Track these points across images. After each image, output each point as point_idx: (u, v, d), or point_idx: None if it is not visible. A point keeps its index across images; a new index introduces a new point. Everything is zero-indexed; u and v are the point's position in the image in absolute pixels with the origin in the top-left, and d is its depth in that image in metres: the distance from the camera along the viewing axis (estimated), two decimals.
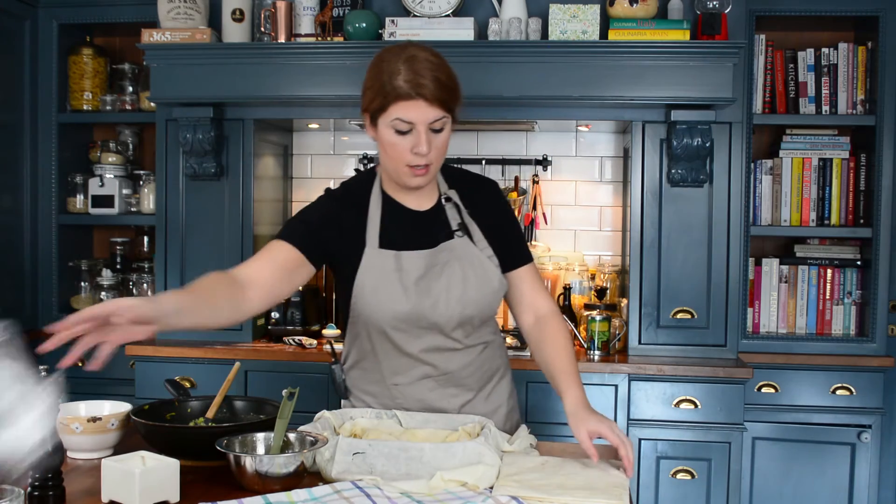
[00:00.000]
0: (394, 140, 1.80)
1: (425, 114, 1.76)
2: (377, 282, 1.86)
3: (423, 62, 1.76)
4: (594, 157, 3.70)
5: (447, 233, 1.93)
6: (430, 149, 1.79)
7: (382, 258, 1.87)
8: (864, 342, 3.33)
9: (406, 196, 1.95)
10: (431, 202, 1.96)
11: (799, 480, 3.31)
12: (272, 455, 1.61)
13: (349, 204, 1.93)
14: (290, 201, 3.82)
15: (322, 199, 1.97)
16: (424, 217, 1.95)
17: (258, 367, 3.19)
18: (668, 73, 3.01)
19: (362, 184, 1.98)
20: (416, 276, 1.87)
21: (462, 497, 1.53)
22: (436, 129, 1.79)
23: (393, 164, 1.84)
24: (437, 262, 1.89)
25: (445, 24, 3.12)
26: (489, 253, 1.94)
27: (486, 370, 2.01)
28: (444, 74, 1.78)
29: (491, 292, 1.93)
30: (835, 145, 3.42)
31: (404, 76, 1.74)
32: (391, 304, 1.85)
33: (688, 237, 3.22)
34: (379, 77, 1.78)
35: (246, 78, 3.14)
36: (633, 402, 3.08)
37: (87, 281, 3.80)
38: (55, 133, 3.71)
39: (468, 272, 1.90)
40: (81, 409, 1.87)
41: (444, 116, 1.79)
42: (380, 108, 1.78)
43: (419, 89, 1.74)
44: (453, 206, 1.96)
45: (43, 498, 1.47)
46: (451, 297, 1.88)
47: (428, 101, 1.75)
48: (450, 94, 1.79)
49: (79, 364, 1.55)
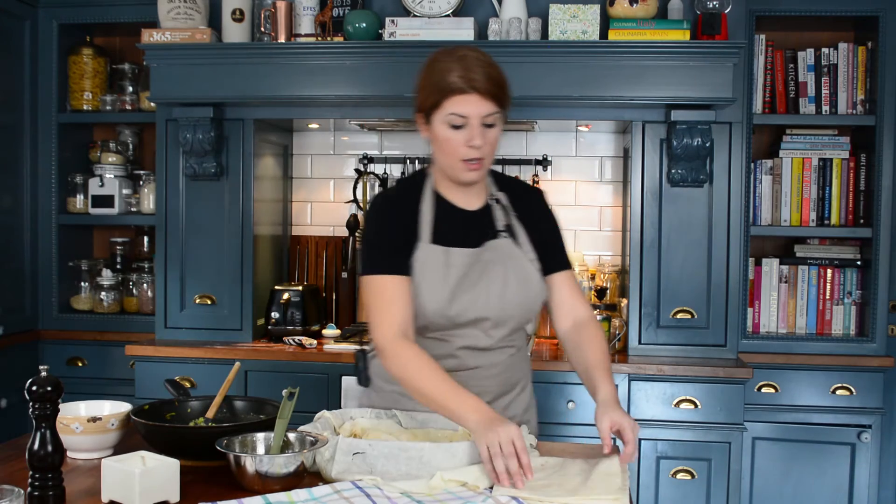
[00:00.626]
0: (448, 135, 1.86)
1: (479, 107, 1.83)
2: (423, 275, 1.92)
3: (475, 60, 1.84)
4: (594, 157, 3.70)
5: (493, 232, 1.99)
6: (483, 142, 1.85)
7: (433, 253, 1.93)
8: (864, 342, 3.33)
9: (457, 195, 2.00)
10: (480, 202, 2.02)
11: (799, 480, 3.31)
12: (272, 455, 1.61)
13: (404, 202, 1.99)
14: (290, 201, 3.82)
15: (374, 207, 2.01)
16: (473, 216, 2.00)
17: (258, 367, 3.19)
18: (668, 73, 3.01)
19: (412, 184, 2.03)
20: (460, 273, 1.93)
21: (462, 497, 1.53)
22: (488, 123, 1.86)
23: (447, 159, 1.90)
24: (481, 261, 1.95)
25: (445, 24, 3.12)
26: (532, 256, 2.00)
27: (508, 377, 2.03)
28: (496, 72, 1.86)
29: (531, 294, 1.97)
30: (835, 145, 3.42)
31: (458, 72, 1.82)
32: (434, 297, 1.90)
33: (688, 237, 3.22)
34: (432, 76, 1.86)
35: (246, 78, 3.15)
36: (633, 402, 3.08)
37: (87, 281, 3.80)
38: (55, 133, 3.71)
39: (510, 273, 1.95)
40: (81, 409, 1.87)
41: (497, 111, 1.86)
42: (434, 104, 1.86)
43: (472, 83, 1.82)
44: (501, 208, 2.02)
45: (43, 498, 1.47)
46: (492, 296, 1.93)
47: (481, 94, 1.82)
48: (501, 89, 1.86)
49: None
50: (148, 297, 3.73)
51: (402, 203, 1.98)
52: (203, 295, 3.40)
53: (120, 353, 3.43)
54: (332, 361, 3.16)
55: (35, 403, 1.48)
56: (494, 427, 1.61)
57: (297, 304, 3.40)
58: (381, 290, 1.89)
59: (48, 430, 1.48)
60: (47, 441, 1.48)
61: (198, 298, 3.40)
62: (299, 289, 3.44)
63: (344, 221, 3.71)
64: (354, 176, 3.73)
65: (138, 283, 3.76)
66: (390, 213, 1.97)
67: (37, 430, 1.48)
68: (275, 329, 3.40)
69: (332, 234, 3.81)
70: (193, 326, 3.40)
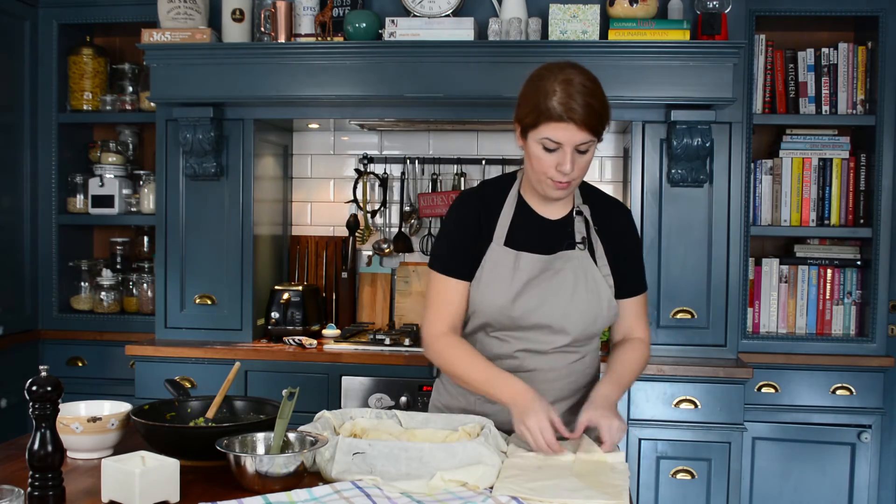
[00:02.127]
0: (541, 155, 1.88)
1: (574, 137, 1.83)
2: (491, 276, 1.95)
3: (579, 87, 1.82)
4: (594, 157, 3.69)
5: (569, 243, 1.99)
6: (573, 168, 1.86)
7: (504, 255, 1.97)
8: (864, 342, 3.33)
9: (540, 204, 2.02)
10: (563, 213, 2.03)
11: (799, 480, 3.31)
12: (272, 455, 1.61)
13: (486, 202, 2.02)
14: (290, 201, 3.82)
15: (459, 203, 2.04)
16: (552, 225, 2.01)
17: (258, 367, 3.19)
18: (668, 73, 3.01)
19: (502, 184, 2.06)
20: (528, 277, 1.94)
21: (462, 497, 1.53)
22: (581, 150, 1.86)
23: (536, 175, 1.92)
24: (552, 268, 1.96)
25: (445, 24, 3.12)
26: (606, 272, 2.00)
27: (570, 383, 2.03)
28: (598, 101, 1.84)
29: (598, 309, 1.97)
30: (835, 145, 3.42)
31: (559, 98, 1.81)
32: (498, 298, 1.93)
33: (688, 237, 3.22)
34: (535, 94, 1.85)
35: (246, 78, 3.15)
36: (634, 402, 3.08)
37: (87, 281, 3.80)
38: (55, 133, 3.71)
39: (580, 284, 1.96)
40: (81, 409, 1.87)
41: (591, 140, 1.86)
42: (532, 124, 1.86)
43: (571, 113, 1.81)
44: (583, 220, 2.02)
45: (43, 498, 1.47)
46: (558, 304, 1.94)
47: (578, 125, 1.82)
48: (599, 120, 1.85)
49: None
50: (148, 297, 3.73)
51: (486, 202, 2.01)
52: (203, 295, 3.40)
53: (120, 353, 3.43)
54: (332, 361, 3.16)
55: (35, 403, 1.48)
56: (527, 414, 1.75)
57: (297, 304, 3.40)
58: (441, 289, 1.99)
59: (48, 430, 1.48)
60: (47, 441, 1.48)
61: (198, 298, 3.40)
62: (299, 289, 3.44)
63: (344, 221, 3.71)
64: (354, 176, 3.73)
65: (138, 283, 3.76)
66: (471, 211, 2.00)
67: (37, 430, 1.48)
68: (275, 329, 3.40)
69: (332, 234, 3.81)
70: (193, 326, 3.40)
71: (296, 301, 3.40)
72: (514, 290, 1.93)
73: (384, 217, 3.75)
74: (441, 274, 2.00)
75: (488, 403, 1.99)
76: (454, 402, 2.08)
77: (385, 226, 3.75)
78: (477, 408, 2.03)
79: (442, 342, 1.97)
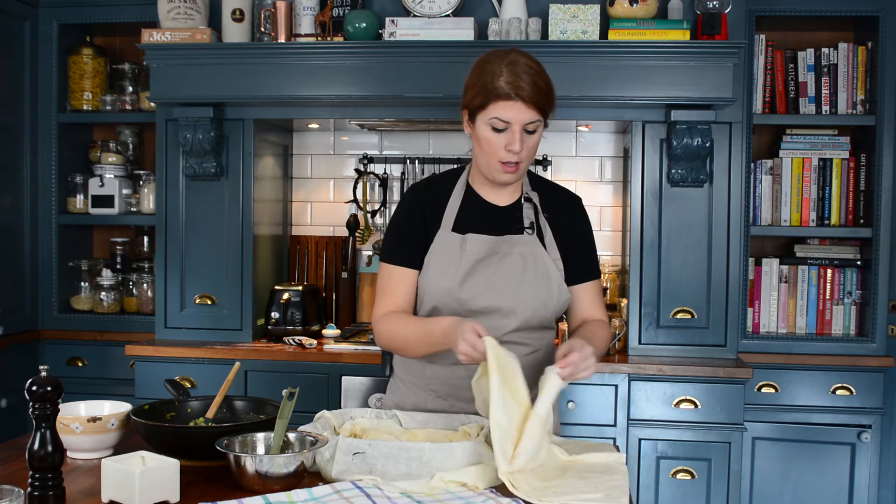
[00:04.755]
0: (490, 137, 1.92)
1: (521, 115, 1.88)
2: (439, 260, 1.97)
3: (524, 67, 1.88)
4: (594, 157, 3.70)
5: (517, 228, 2.02)
6: (522, 147, 1.91)
7: (451, 239, 2.00)
8: (864, 342, 3.33)
9: (489, 191, 2.05)
10: (511, 200, 2.06)
11: (799, 480, 3.31)
12: (272, 455, 1.61)
13: (433, 194, 2.06)
14: (290, 201, 3.82)
15: (406, 197, 2.09)
16: (501, 211, 2.04)
17: (258, 367, 3.19)
18: (668, 73, 3.01)
19: (448, 176, 2.11)
20: (475, 259, 1.97)
21: (462, 497, 1.53)
22: (529, 130, 1.91)
23: (486, 159, 1.96)
24: (499, 252, 1.98)
25: (445, 24, 3.12)
26: (556, 257, 2.02)
27: (529, 376, 2.00)
28: (543, 81, 1.90)
29: (548, 293, 1.98)
30: (835, 145, 3.42)
31: (506, 78, 1.87)
32: (445, 281, 1.95)
33: (688, 237, 3.22)
34: (481, 77, 1.91)
35: (246, 78, 3.15)
36: (633, 402, 3.08)
37: (87, 281, 3.80)
38: (55, 133, 3.71)
39: (529, 268, 1.98)
40: (81, 409, 1.87)
41: (539, 119, 1.91)
42: (480, 105, 1.91)
43: (519, 91, 1.87)
44: (531, 207, 2.05)
45: (43, 498, 1.47)
46: (507, 286, 1.95)
47: (525, 102, 1.87)
48: (546, 99, 1.91)
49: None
50: (148, 297, 3.73)
51: (432, 193, 2.05)
52: (203, 295, 3.40)
53: (120, 353, 3.43)
54: (332, 361, 3.16)
55: (35, 403, 1.48)
56: (457, 341, 1.74)
57: (297, 304, 3.40)
58: (388, 278, 2.03)
59: (48, 430, 1.48)
60: (47, 441, 1.48)
61: (198, 298, 3.40)
62: (299, 289, 3.44)
63: (344, 221, 3.72)
64: (354, 176, 3.73)
65: (138, 283, 3.76)
66: (415, 201, 2.04)
67: (37, 430, 1.48)
68: (275, 329, 3.40)
69: (332, 234, 3.81)
70: (193, 326, 3.40)
71: (296, 301, 3.40)
72: (462, 273, 1.96)
73: (384, 217, 3.75)
74: (387, 263, 2.04)
75: (439, 398, 2.01)
76: (406, 399, 2.07)
77: (385, 226, 3.75)
78: (429, 404, 2.03)
79: (381, 321, 2.00)
